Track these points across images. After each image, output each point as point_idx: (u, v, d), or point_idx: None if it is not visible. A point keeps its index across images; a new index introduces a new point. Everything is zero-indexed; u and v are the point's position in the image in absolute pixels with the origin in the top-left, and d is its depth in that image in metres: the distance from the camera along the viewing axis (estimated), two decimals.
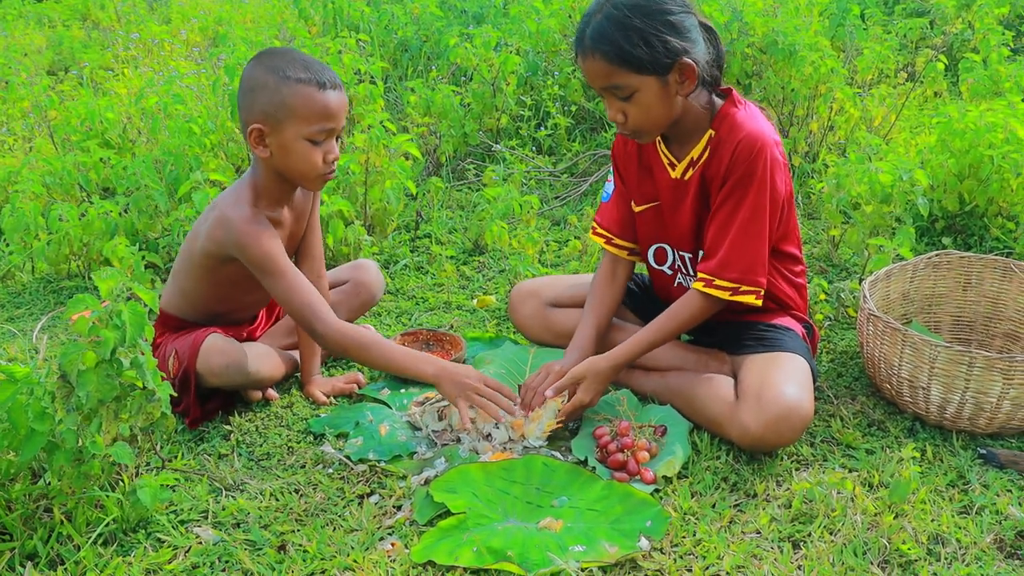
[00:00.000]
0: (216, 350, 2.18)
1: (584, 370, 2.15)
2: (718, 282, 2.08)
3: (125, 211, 3.21)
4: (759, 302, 2.10)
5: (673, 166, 2.18)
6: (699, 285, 2.11)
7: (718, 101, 2.12)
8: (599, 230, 2.40)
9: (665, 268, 2.34)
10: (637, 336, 2.17)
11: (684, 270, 2.30)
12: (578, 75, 4.59)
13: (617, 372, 2.19)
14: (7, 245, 3.22)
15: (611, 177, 2.38)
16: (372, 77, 3.75)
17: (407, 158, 3.42)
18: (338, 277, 2.62)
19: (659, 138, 2.19)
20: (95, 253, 3.17)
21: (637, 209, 2.30)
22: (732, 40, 4.13)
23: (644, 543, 1.75)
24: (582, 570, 1.67)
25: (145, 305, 1.71)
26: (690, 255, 2.26)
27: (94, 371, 1.67)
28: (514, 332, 2.69)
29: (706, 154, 2.11)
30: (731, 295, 2.08)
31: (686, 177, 2.16)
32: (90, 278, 3.21)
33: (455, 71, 4.79)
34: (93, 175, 3.52)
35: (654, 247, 2.33)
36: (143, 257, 2.92)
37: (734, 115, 2.08)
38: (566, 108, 4.56)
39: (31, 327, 2.85)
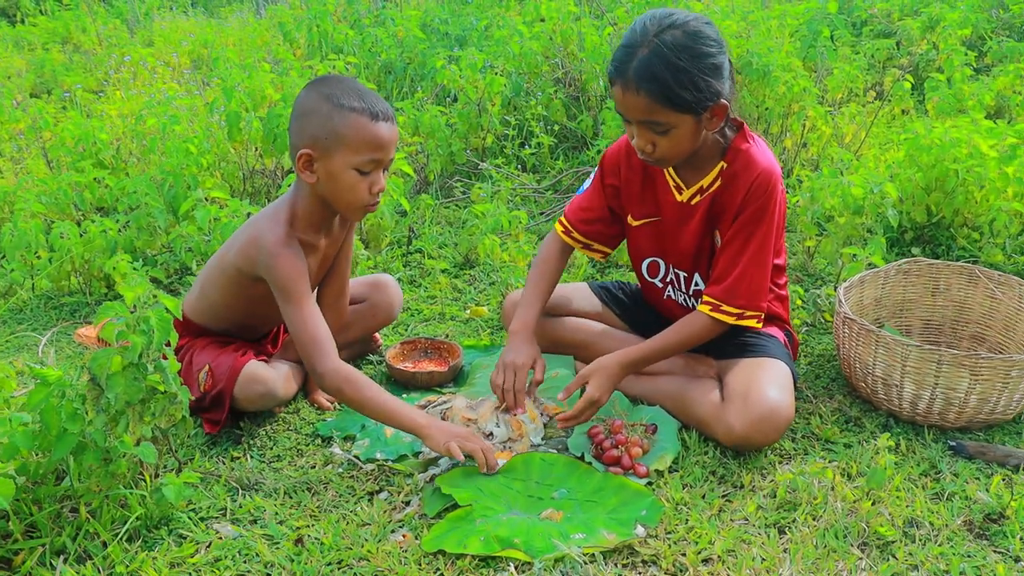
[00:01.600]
0: (256, 379, 2.25)
1: (592, 368, 2.22)
2: (725, 307, 2.18)
3: (125, 228, 3.30)
4: (760, 325, 2.22)
5: (680, 190, 2.27)
6: (705, 308, 2.20)
7: (729, 133, 2.20)
8: (563, 220, 2.47)
9: (656, 281, 2.45)
10: (645, 344, 2.26)
11: (676, 285, 2.41)
12: (560, 95, 4.73)
13: (624, 370, 2.23)
14: (8, 263, 3.30)
15: (594, 175, 2.45)
16: None
17: (397, 175, 3.53)
18: (356, 293, 2.63)
19: None
20: (96, 270, 3.26)
21: (635, 223, 2.39)
22: None
23: (640, 530, 1.86)
24: (584, 555, 1.78)
25: (169, 311, 1.81)
26: (686, 274, 2.37)
27: (122, 374, 1.77)
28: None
29: (717, 184, 2.20)
30: (736, 319, 2.19)
31: (693, 202, 2.25)
32: (91, 294, 3.30)
33: (439, 92, 4.92)
34: (88, 195, 3.60)
35: (648, 260, 2.44)
36: (146, 272, 3.01)
37: (748, 151, 2.17)
38: (549, 128, 4.69)
39: (33, 343, 2.94)
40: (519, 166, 4.57)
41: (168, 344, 1.83)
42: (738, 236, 2.18)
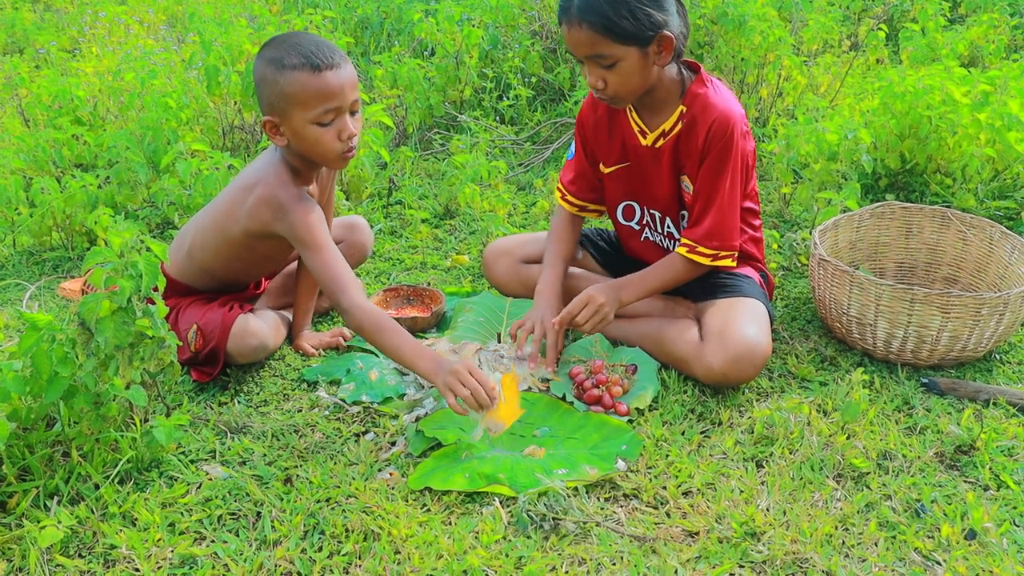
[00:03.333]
0: (248, 333, 2.29)
1: (591, 288, 2.32)
2: (700, 249, 2.28)
3: (106, 182, 3.30)
4: (734, 263, 2.31)
5: (644, 134, 2.32)
6: (683, 250, 2.30)
7: (688, 76, 2.27)
8: (559, 184, 2.57)
9: (633, 224, 2.50)
10: (633, 277, 2.35)
11: (652, 226, 2.47)
12: (537, 48, 4.74)
13: (618, 293, 2.31)
14: None
15: (574, 139, 2.53)
16: None
17: (378, 127, 3.54)
18: (333, 235, 2.62)
19: (630, 105, 2.34)
20: (77, 225, 3.26)
21: (607, 170, 2.45)
22: None
23: (621, 464, 1.91)
24: (567, 488, 1.83)
25: (156, 256, 1.83)
26: (660, 213, 2.43)
27: (111, 318, 1.79)
28: (488, 288, 2.83)
29: (678, 127, 2.26)
30: (712, 260, 2.28)
31: (657, 145, 2.31)
32: (73, 248, 3.30)
33: (416, 46, 4.91)
34: (66, 151, 3.59)
35: (623, 204, 2.49)
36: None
37: (705, 95, 2.23)
38: (526, 80, 4.70)
39: (16, 298, 2.95)
40: (497, 118, 4.58)
41: (156, 289, 1.85)
42: (707, 182, 2.25)
